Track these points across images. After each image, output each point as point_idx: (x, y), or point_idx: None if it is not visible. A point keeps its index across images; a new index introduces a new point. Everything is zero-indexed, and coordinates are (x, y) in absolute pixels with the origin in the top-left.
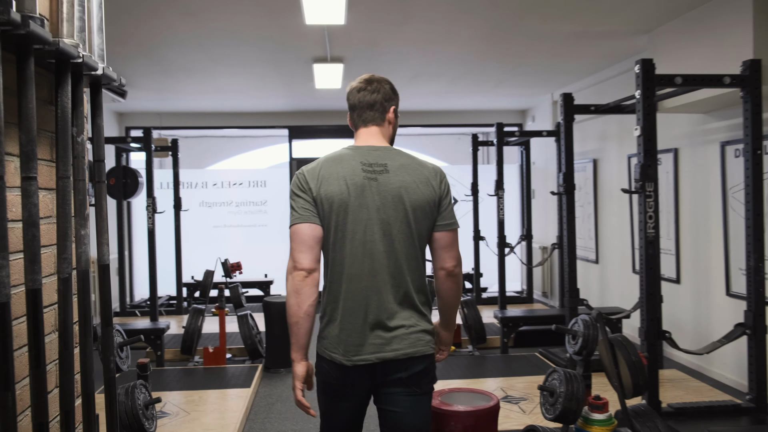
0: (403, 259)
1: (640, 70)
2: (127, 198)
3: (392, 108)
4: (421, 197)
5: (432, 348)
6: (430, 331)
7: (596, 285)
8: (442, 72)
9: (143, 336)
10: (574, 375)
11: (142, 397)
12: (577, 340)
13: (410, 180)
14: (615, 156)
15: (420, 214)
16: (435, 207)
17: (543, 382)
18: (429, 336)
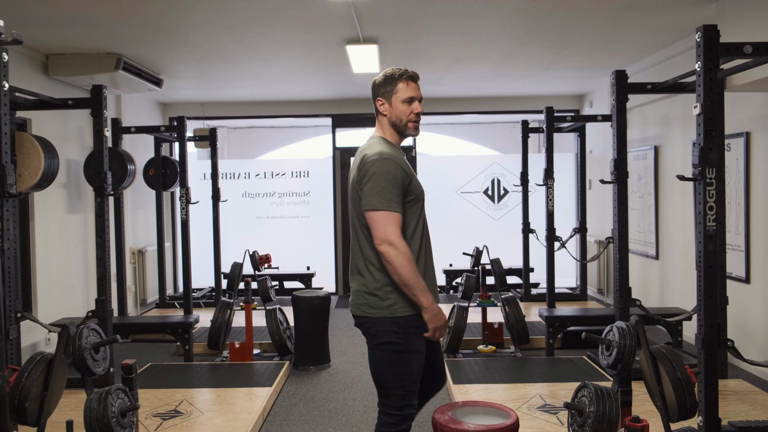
0: (354, 234)
1: (702, 38)
2: (166, 188)
3: (376, 100)
4: (352, 181)
5: (364, 312)
6: (367, 294)
7: (656, 283)
8: (486, 53)
9: (171, 329)
10: (606, 392)
11: (118, 404)
12: (611, 351)
13: (353, 166)
14: (678, 142)
15: (354, 195)
16: (357, 189)
17: (571, 398)
18: (364, 300)
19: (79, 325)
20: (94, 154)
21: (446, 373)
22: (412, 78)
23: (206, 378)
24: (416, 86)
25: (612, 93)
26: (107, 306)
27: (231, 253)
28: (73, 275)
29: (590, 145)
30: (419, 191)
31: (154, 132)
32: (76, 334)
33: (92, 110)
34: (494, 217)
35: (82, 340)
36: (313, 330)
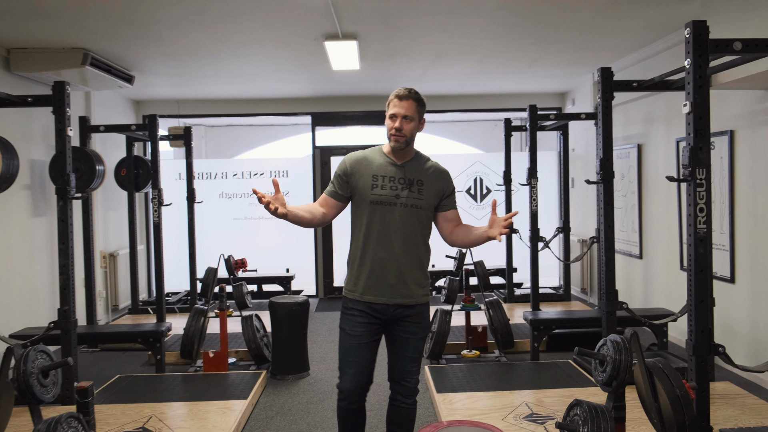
0: None
1: (691, 34)
2: (139, 189)
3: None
4: None
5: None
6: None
7: (640, 283)
8: (469, 50)
9: (141, 338)
10: (601, 411)
11: None
12: (605, 366)
13: None
14: (662, 140)
15: None
16: None
17: (563, 416)
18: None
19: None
20: (57, 156)
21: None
22: (398, 96)
23: (178, 390)
24: (401, 103)
25: (597, 90)
26: (71, 316)
27: (208, 256)
28: (37, 282)
29: (572, 144)
30: (365, 191)
31: (124, 131)
32: (21, 358)
33: (54, 108)
34: (477, 216)
35: (28, 363)
36: (291, 337)
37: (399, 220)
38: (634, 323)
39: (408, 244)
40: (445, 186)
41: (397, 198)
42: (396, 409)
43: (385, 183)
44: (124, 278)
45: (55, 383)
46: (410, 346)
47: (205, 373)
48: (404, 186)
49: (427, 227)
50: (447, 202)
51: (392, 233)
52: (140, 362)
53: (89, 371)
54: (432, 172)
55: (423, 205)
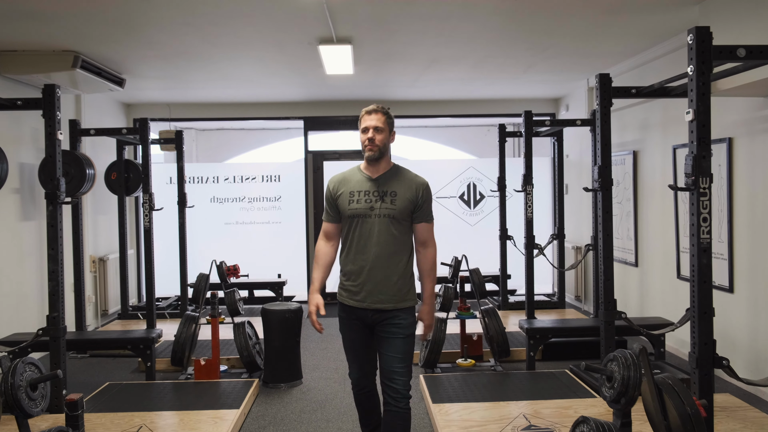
0: None
1: (694, 40)
2: (129, 193)
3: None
4: None
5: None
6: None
7: (635, 291)
8: (464, 55)
9: (131, 345)
10: (608, 429)
11: None
12: (613, 383)
13: None
14: (658, 147)
15: None
16: None
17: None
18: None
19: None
20: (47, 159)
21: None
22: (367, 111)
23: (169, 399)
24: (370, 116)
25: (596, 97)
26: (60, 323)
27: (199, 260)
28: (26, 287)
29: (566, 150)
30: (344, 207)
31: (115, 134)
32: (9, 370)
33: (44, 111)
34: (470, 222)
35: (16, 376)
36: (284, 345)
37: (375, 230)
38: (632, 333)
39: (384, 252)
40: (417, 196)
41: (371, 210)
42: (388, 414)
43: (360, 197)
44: (113, 283)
45: (43, 396)
46: (392, 346)
47: (196, 381)
48: (377, 198)
49: (406, 235)
50: (418, 214)
51: (368, 243)
52: (130, 369)
53: (78, 378)
54: (406, 183)
55: (396, 214)
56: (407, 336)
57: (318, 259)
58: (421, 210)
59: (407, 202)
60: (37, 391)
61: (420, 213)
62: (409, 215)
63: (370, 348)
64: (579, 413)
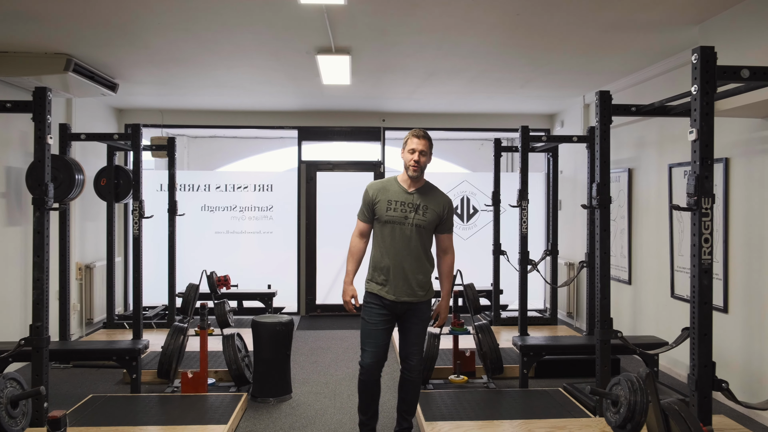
0: None
1: (699, 60)
2: (119, 200)
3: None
4: None
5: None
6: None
7: (628, 309)
8: (462, 68)
9: (116, 356)
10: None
11: None
12: (618, 407)
13: None
14: (653, 165)
15: None
16: None
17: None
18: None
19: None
20: (35, 164)
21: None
22: (416, 135)
23: (154, 413)
24: (419, 141)
25: (591, 115)
26: (43, 333)
27: (188, 270)
28: (9, 294)
29: (561, 166)
30: (381, 213)
31: (106, 140)
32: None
33: (34, 115)
34: (463, 236)
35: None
36: (273, 358)
37: (407, 236)
38: (626, 351)
39: (413, 254)
40: (444, 212)
41: (405, 219)
42: (403, 380)
43: (397, 207)
44: (100, 291)
45: (24, 414)
46: (412, 334)
47: (183, 395)
48: (412, 209)
49: (429, 242)
50: (442, 227)
51: (401, 245)
52: (115, 380)
53: (61, 389)
54: (436, 199)
55: (426, 225)
56: (424, 326)
57: (353, 254)
58: (445, 223)
59: (435, 215)
60: (18, 408)
61: (444, 225)
62: (434, 226)
63: (388, 335)
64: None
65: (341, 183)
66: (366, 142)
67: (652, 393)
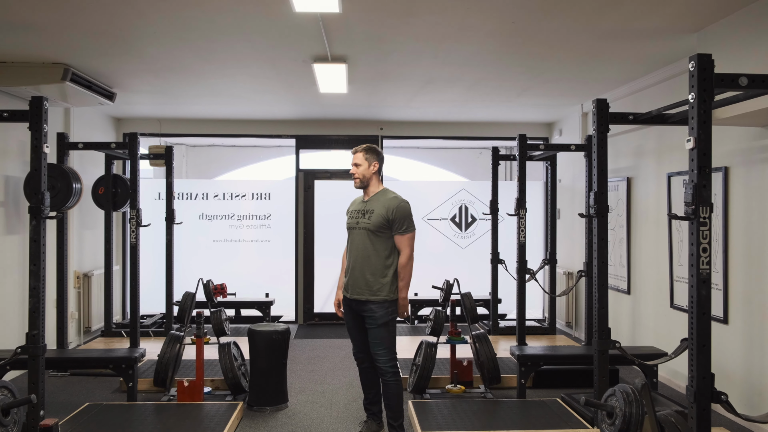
0: None
1: (696, 67)
2: (117, 209)
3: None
4: None
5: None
6: None
7: (627, 319)
8: (459, 76)
9: (113, 364)
10: None
11: None
12: (614, 419)
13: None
14: (652, 174)
15: None
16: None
17: None
18: None
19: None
20: (32, 173)
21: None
22: (352, 152)
23: (150, 422)
24: (354, 156)
25: (589, 122)
26: (40, 341)
27: (185, 278)
28: (7, 302)
29: (559, 174)
30: (347, 224)
31: (104, 148)
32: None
33: (30, 124)
34: (461, 245)
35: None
36: (270, 367)
37: (358, 239)
38: (625, 362)
39: (362, 255)
40: (389, 214)
41: (357, 224)
42: (382, 384)
43: (354, 215)
44: (97, 299)
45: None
46: (371, 333)
47: (179, 403)
48: (362, 215)
49: (380, 244)
50: (393, 228)
51: (353, 248)
52: (111, 388)
53: (57, 398)
54: (382, 203)
55: (371, 227)
56: (380, 325)
57: (342, 265)
58: (394, 225)
59: (380, 218)
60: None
61: (394, 227)
62: (385, 229)
63: (360, 330)
64: None
65: (339, 192)
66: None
67: (648, 404)
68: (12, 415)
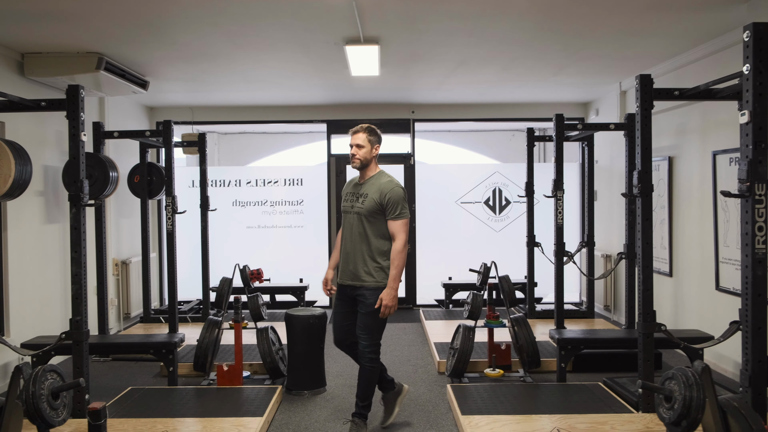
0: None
1: (751, 37)
2: (152, 196)
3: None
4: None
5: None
6: None
7: (669, 302)
8: (494, 56)
9: (153, 350)
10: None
11: None
12: (672, 403)
13: None
14: (696, 153)
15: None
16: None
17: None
18: None
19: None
20: (71, 161)
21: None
22: (352, 132)
23: (191, 405)
24: (354, 136)
25: (627, 103)
26: (83, 327)
27: (220, 264)
28: (50, 290)
29: (596, 155)
30: (342, 206)
31: (138, 137)
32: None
33: (68, 113)
34: (495, 228)
35: (38, 385)
36: (307, 351)
37: (352, 223)
38: (668, 345)
39: (356, 240)
40: (382, 199)
41: (351, 208)
42: (360, 368)
43: (348, 198)
44: (136, 286)
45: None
46: (359, 321)
47: (219, 387)
48: (356, 198)
49: (375, 229)
50: (386, 213)
51: (347, 233)
52: (152, 373)
53: (101, 382)
54: (376, 187)
55: (364, 212)
56: (368, 313)
57: (336, 245)
58: (386, 209)
59: (373, 203)
60: (59, 399)
61: (387, 212)
62: (378, 214)
63: (347, 318)
64: (616, 429)
65: None
66: (395, 135)
67: (709, 389)
68: (61, 399)
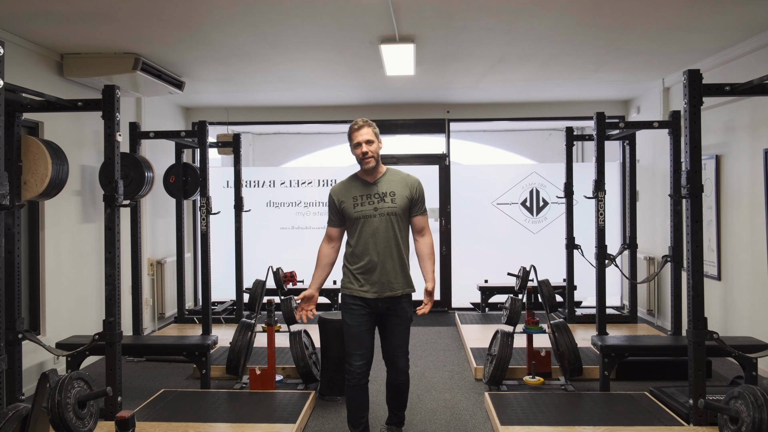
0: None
1: None
2: (187, 197)
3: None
4: None
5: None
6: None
7: (718, 307)
8: (532, 53)
9: (186, 351)
10: None
11: None
12: (739, 425)
13: None
14: (745, 151)
15: None
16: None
17: None
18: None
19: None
20: (106, 161)
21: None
22: (355, 128)
23: (223, 410)
24: (360, 132)
25: (684, 95)
26: (116, 328)
27: (254, 265)
28: (85, 289)
29: (638, 154)
30: (350, 212)
31: (174, 137)
32: (57, 386)
33: (103, 112)
34: (532, 230)
35: (63, 393)
36: (341, 356)
37: (379, 228)
38: (719, 354)
39: (388, 246)
40: (413, 193)
41: (375, 210)
42: (392, 383)
43: (364, 200)
44: (170, 286)
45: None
46: (395, 336)
47: (252, 391)
48: (379, 199)
49: (404, 231)
50: (416, 209)
51: (375, 239)
52: (185, 375)
53: (134, 383)
54: (401, 183)
55: (398, 211)
56: (407, 327)
57: (320, 261)
58: (417, 204)
59: (405, 199)
60: (85, 408)
61: (417, 207)
62: (407, 211)
63: (372, 335)
64: None
65: None
66: (430, 135)
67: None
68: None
